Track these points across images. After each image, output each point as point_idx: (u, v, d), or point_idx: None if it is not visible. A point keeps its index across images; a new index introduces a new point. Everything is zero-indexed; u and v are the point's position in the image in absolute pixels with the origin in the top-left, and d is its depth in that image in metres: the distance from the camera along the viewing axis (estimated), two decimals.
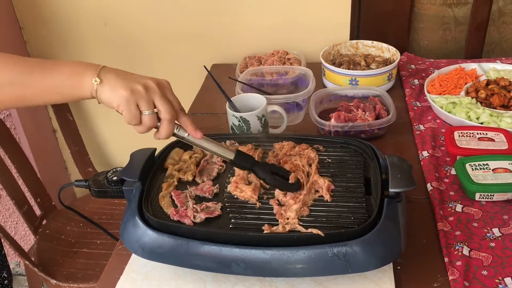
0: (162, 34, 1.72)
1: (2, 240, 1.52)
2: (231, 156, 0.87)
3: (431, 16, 1.68)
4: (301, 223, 0.80)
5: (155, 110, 0.79)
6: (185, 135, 0.83)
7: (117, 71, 0.79)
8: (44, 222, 1.70)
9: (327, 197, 0.86)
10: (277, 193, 0.87)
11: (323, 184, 0.87)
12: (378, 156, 0.93)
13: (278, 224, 0.80)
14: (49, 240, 1.63)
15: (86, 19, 1.73)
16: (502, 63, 1.45)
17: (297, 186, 0.87)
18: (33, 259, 1.56)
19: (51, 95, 0.79)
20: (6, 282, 1.33)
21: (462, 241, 0.89)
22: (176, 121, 0.81)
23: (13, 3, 1.72)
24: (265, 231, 0.79)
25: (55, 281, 1.47)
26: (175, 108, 0.81)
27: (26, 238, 2.07)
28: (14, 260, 2.17)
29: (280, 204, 0.85)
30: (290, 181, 0.87)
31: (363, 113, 1.20)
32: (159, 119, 0.79)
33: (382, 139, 1.20)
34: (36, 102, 0.81)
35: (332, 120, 1.18)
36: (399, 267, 0.85)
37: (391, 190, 0.82)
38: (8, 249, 2.10)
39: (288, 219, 0.81)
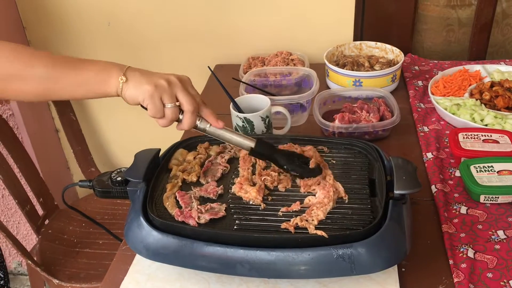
0: (166, 34, 1.72)
1: (4, 239, 1.52)
2: (252, 144, 0.89)
3: (434, 17, 1.67)
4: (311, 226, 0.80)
5: (177, 103, 0.84)
6: (207, 126, 0.88)
7: (141, 70, 0.85)
8: (47, 221, 1.70)
9: (346, 198, 0.86)
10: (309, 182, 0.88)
11: (339, 186, 0.88)
12: (382, 158, 0.93)
13: (286, 222, 0.81)
14: (51, 240, 1.63)
15: (89, 19, 1.73)
16: (506, 64, 1.45)
17: (318, 171, 0.89)
18: (35, 258, 1.56)
19: (78, 90, 0.84)
20: (2, 282, 1.33)
21: (467, 243, 0.89)
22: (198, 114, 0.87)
23: (16, 2, 1.72)
24: (282, 227, 0.80)
25: (57, 281, 1.47)
26: (197, 100, 0.86)
27: (28, 238, 2.07)
28: (16, 260, 2.17)
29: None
30: (310, 167, 0.89)
31: (367, 114, 1.20)
32: (181, 112, 0.84)
33: (386, 141, 1.19)
34: (63, 96, 0.86)
35: (336, 121, 1.17)
36: (403, 269, 0.85)
37: (396, 192, 0.82)
38: (10, 249, 2.10)
39: (313, 219, 0.81)
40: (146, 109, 0.84)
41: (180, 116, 0.85)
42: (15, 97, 0.87)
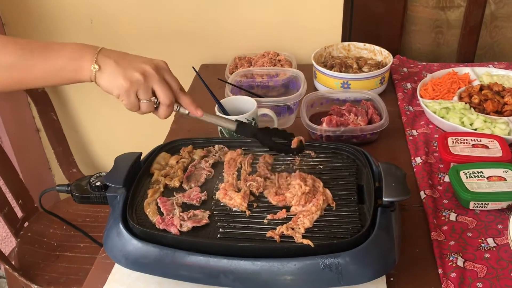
0: (149, 32, 1.68)
1: None
2: (233, 126, 0.89)
3: (423, 18, 1.66)
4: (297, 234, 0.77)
5: (153, 98, 0.81)
6: (186, 112, 0.86)
7: (115, 56, 0.80)
8: (26, 224, 1.65)
9: (333, 205, 0.84)
10: (298, 195, 0.85)
11: (327, 193, 0.85)
12: (371, 163, 0.91)
13: (271, 230, 0.78)
14: (30, 243, 1.58)
15: (71, 16, 1.69)
16: (495, 67, 1.44)
17: (300, 149, 0.88)
18: (13, 263, 1.51)
19: (50, 78, 0.80)
20: None
21: (456, 251, 0.87)
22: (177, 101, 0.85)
23: None
24: (268, 235, 0.77)
25: (36, 286, 1.43)
26: (174, 89, 0.83)
27: (8, 240, 2.01)
28: None
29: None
30: (292, 146, 0.88)
31: (355, 117, 1.17)
32: (158, 102, 0.82)
33: (374, 145, 1.17)
34: (36, 85, 0.83)
35: (324, 124, 1.15)
36: (392, 279, 0.83)
37: (385, 199, 0.80)
38: None
39: (299, 227, 0.79)
40: None
41: (156, 105, 0.82)
42: None
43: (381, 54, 1.45)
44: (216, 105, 1.12)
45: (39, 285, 1.43)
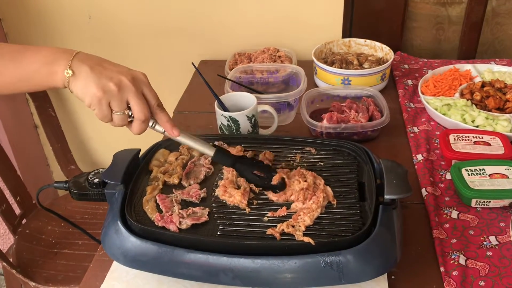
0: (148, 28, 1.66)
1: None
2: (210, 153, 0.84)
3: (424, 15, 1.65)
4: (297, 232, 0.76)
5: (127, 111, 0.76)
6: (162, 130, 0.80)
7: (91, 61, 0.75)
8: (24, 221, 1.64)
9: (334, 203, 0.83)
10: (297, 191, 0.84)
11: (328, 191, 0.84)
12: (372, 160, 0.90)
13: (272, 228, 0.77)
14: (28, 240, 1.57)
15: (69, 12, 1.67)
16: (496, 64, 1.43)
17: (281, 187, 0.84)
18: (11, 260, 1.50)
19: (22, 84, 0.77)
20: None
21: (458, 249, 0.86)
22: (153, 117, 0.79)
23: None
24: (268, 233, 0.76)
25: (34, 284, 1.42)
26: (151, 105, 0.77)
27: (5, 237, 2.00)
28: None
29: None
30: (273, 183, 0.84)
31: (356, 114, 1.16)
32: (132, 116, 0.76)
33: (375, 142, 1.16)
34: (6, 91, 0.78)
35: (325, 121, 1.14)
36: (393, 277, 0.82)
37: (386, 196, 0.79)
38: None
39: (300, 225, 0.78)
40: None
41: (131, 119, 0.77)
42: None
43: (382, 50, 1.43)
44: (216, 101, 1.11)
45: (37, 282, 1.42)
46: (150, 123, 0.79)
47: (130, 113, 0.76)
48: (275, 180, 0.84)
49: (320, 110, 1.23)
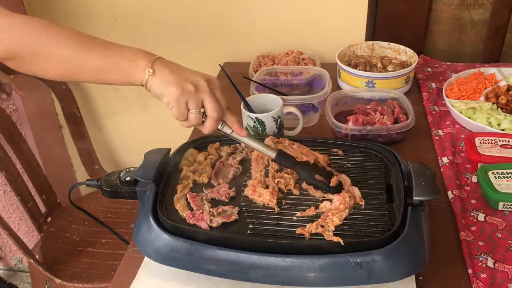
0: (173, 30, 1.68)
1: (6, 236, 1.49)
2: (273, 154, 0.88)
3: (447, 18, 1.64)
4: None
5: (202, 109, 0.82)
6: (229, 131, 0.87)
7: (170, 65, 0.82)
8: (49, 219, 1.67)
9: (362, 203, 0.83)
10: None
11: (355, 192, 0.85)
12: (400, 162, 0.91)
13: (301, 227, 0.78)
14: (53, 238, 1.60)
15: (95, 14, 1.70)
16: None
17: (339, 189, 0.86)
18: (37, 257, 1.53)
19: (102, 77, 0.81)
20: None
21: (486, 252, 0.86)
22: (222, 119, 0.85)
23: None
24: (297, 232, 0.77)
25: (59, 281, 1.44)
26: (222, 106, 0.84)
27: (30, 235, 2.04)
28: (16, 256, 2.14)
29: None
30: (331, 184, 0.86)
31: (381, 116, 1.17)
32: (204, 116, 0.83)
33: (400, 144, 1.16)
34: (87, 80, 0.83)
35: (350, 123, 1.14)
36: (421, 278, 0.82)
37: (415, 198, 0.79)
38: (11, 245, 2.07)
39: (328, 225, 0.78)
40: None
41: (203, 119, 0.83)
42: (41, 74, 0.83)
43: (405, 53, 1.44)
44: (242, 103, 1.13)
45: (62, 279, 1.45)
46: (219, 124, 0.85)
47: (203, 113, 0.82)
48: (333, 182, 0.86)
49: (345, 112, 1.24)
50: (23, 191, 1.55)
